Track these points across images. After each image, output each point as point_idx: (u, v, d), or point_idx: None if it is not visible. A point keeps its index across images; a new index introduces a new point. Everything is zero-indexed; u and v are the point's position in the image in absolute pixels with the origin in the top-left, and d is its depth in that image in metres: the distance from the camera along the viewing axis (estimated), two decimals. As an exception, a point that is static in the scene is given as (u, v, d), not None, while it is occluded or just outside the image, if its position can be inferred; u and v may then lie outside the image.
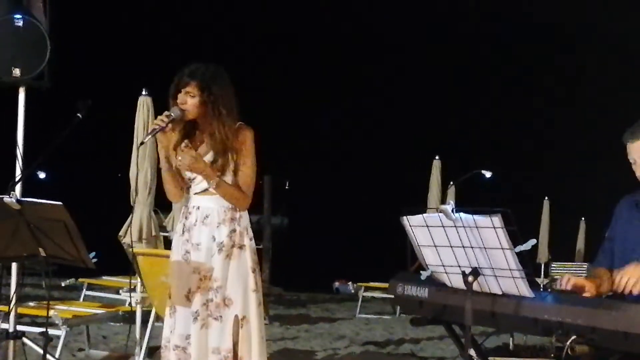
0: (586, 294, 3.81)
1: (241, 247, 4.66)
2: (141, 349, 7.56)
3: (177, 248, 4.69)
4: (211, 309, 4.56)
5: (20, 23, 5.69)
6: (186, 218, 4.68)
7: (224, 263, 4.59)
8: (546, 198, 18.85)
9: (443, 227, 3.60)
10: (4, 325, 6.05)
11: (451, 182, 15.11)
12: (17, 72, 5.70)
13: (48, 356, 5.49)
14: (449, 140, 19.38)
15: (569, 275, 3.88)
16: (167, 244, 10.64)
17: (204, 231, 4.62)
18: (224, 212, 4.65)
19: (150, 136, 4.68)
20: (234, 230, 4.64)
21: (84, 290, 12.16)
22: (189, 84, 4.65)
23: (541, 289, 3.78)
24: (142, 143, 4.60)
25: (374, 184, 20.64)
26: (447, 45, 20.54)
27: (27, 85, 5.82)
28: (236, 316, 4.56)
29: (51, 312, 7.01)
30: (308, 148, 18.93)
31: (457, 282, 3.66)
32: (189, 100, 4.66)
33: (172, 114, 4.63)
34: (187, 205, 4.71)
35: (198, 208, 4.66)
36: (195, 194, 4.67)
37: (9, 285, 5.83)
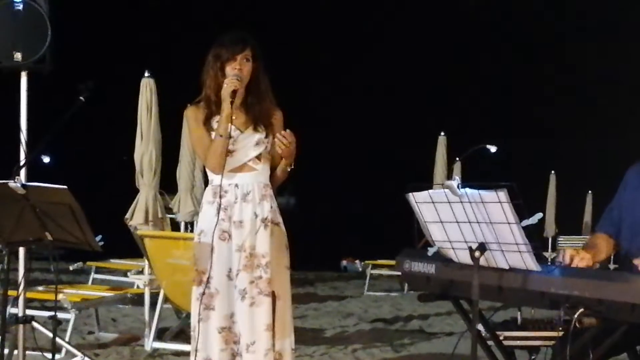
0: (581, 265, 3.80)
1: (277, 223, 4.62)
2: (150, 330, 7.58)
3: (209, 229, 4.52)
4: (261, 286, 4.48)
5: (20, 7, 5.68)
6: (220, 197, 4.51)
7: (270, 239, 4.53)
8: (553, 172, 18.83)
9: (449, 202, 3.59)
10: (13, 310, 6.08)
11: (457, 158, 15.09)
12: (18, 56, 5.68)
13: (58, 339, 5.51)
14: (454, 115, 19.32)
15: (569, 251, 3.85)
16: (174, 226, 10.69)
17: (247, 208, 4.51)
18: (263, 187, 4.57)
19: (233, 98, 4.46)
20: (271, 207, 4.59)
21: (92, 273, 12.21)
22: (246, 48, 4.53)
23: (549, 263, 3.76)
24: (232, 103, 4.42)
25: (380, 161, 20.60)
26: (450, 18, 20.46)
27: (29, 69, 5.81)
28: (274, 293, 4.53)
29: (60, 296, 7.04)
30: (312, 126, 18.90)
31: (464, 257, 3.65)
32: (246, 66, 4.54)
33: (236, 78, 4.46)
34: (218, 184, 4.54)
35: (236, 185, 4.52)
36: (231, 170, 4.51)
37: (17, 270, 5.84)
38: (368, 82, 20.98)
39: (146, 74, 8.20)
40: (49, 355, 5.17)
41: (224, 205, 4.52)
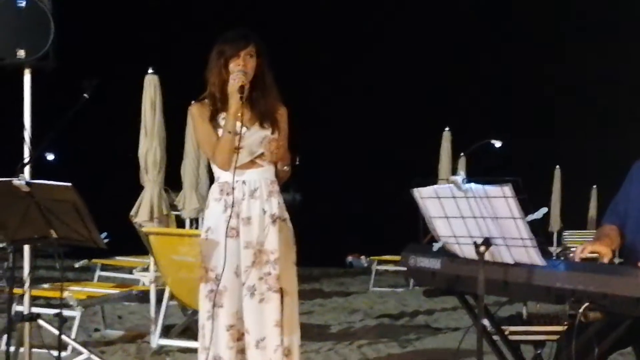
0: (604, 259, 3.78)
1: (285, 219, 4.61)
2: (156, 327, 7.58)
3: (217, 226, 4.51)
4: (270, 283, 4.47)
5: (23, 4, 5.67)
6: (227, 194, 4.49)
7: (278, 235, 4.52)
8: (557, 166, 18.80)
9: (454, 198, 3.59)
10: (19, 308, 6.08)
11: (461, 153, 15.08)
12: (21, 53, 5.68)
13: (64, 337, 5.51)
14: (459, 111, 19.31)
15: (583, 245, 3.84)
16: (179, 222, 10.68)
17: (255, 204, 4.49)
18: (270, 184, 4.55)
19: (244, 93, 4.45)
20: (279, 203, 4.58)
21: (98, 271, 12.21)
22: (249, 44, 4.51)
23: (554, 258, 3.76)
24: (241, 98, 4.39)
25: (385, 157, 20.61)
26: (453, 13, 20.44)
27: (32, 67, 5.80)
28: (282, 289, 4.52)
29: (65, 294, 7.04)
30: (318, 122, 18.88)
31: (469, 252, 3.65)
32: (250, 62, 4.51)
33: (242, 73, 4.45)
34: (225, 181, 4.52)
35: (243, 182, 4.50)
36: (238, 167, 4.47)
37: (22, 267, 5.85)
38: (368, 82, 20.96)
39: (150, 71, 8.19)
40: (55, 353, 5.17)
41: (231, 202, 4.49)
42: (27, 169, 5.47)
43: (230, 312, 4.47)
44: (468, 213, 3.57)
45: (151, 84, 8.18)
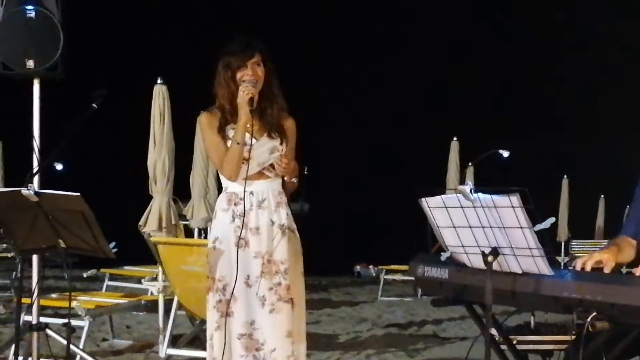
0: (606, 269, 3.77)
1: (293, 230, 4.62)
2: (164, 337, 7.59)
3: (225, 236, 4.52)
4: (280, 293, 4.49)
5: (32, 14, 5.69)
6: (235, 204, 4.51)
7: (287, 246, 4.54)
8: (565, 176, 18.78)
9: (462, 207, 3.59)
10: (27, 317, 6.08)
11: (469, 163, 15.06)
12: (30, 63, 5.70)
13: (72, 347, 5.51)
14: (466, 121, 19.30)
15: (584, 259, 3.82)
16: (187, 232, 10.69)
17: (263, 215, 4.51)
18: (278, 195, 4.57)
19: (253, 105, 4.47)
20: (287, 214, 4.59)
21: (106, 280, 12.22)
22: (254, 54, 4.51)
23: (561, 267, 3.75)
24: (251, 110, 4.40)
25: (393, 166, 20.58)
26: (462, 22, 20.44)
27: (41, 77, 5.82)
28: (292, 299, 4.54)
29: (74, 303, 7.04)
30: (324, 131, 18.87)
31: (477, 262, 3.65)
32: (258, 71, 4.52)
33: (251, 84, 4.46)
34: (232, 192, 4.54)
35: (251, 193, 4.51)
36: (245, 178, 4.48)
37: (30, 277, 5.86)
38: (381, 88, 20.97)
39: (159, 81, 8.21)
40: (63, 362, 5.19)
41: (240, 212, 4.50)
42: (35, 179, 5.49)
43: (241, 322, 4.48)
44: (476, 223, 3.57)
45: (160, 93, 8.20)
